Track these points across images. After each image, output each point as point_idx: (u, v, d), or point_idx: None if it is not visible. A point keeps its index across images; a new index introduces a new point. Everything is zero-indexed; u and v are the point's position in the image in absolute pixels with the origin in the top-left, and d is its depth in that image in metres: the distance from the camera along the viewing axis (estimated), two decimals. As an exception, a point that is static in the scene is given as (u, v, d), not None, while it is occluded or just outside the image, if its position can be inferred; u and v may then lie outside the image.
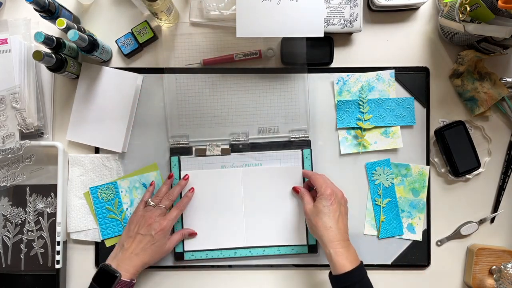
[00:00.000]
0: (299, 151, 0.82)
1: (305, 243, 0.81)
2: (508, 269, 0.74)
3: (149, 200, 0.77)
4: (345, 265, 0.68)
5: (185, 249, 0.81)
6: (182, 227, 0.81)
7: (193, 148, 0.82)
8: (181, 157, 0.82)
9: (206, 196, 0.81)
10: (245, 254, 0.81)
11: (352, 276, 0.68)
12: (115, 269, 0.70)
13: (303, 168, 0.82)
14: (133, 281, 0.72)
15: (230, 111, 0.82)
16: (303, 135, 0.82)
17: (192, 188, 0.80)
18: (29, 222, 0.82)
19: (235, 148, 0.82)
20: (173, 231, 0.80)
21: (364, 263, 0.80)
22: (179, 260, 0.81)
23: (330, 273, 0.71)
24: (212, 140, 0.82)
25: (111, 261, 0.73)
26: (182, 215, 0.81)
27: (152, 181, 0.81)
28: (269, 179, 0.81)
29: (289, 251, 0.81)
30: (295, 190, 0.80)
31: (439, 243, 0.83)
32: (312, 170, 0.82)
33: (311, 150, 0.82)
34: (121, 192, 0.82)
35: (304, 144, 0.82)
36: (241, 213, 0.81)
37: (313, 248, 0.81)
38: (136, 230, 0.74)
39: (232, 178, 0.81)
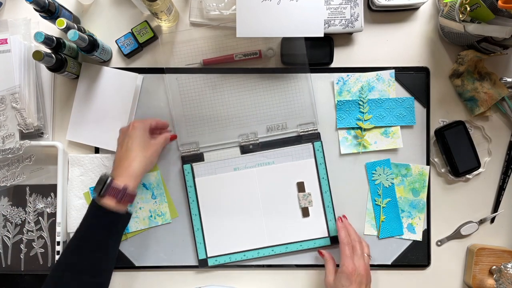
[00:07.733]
0: (310, 145, 0.82)
1: (327, 235, 0.81)
2: (508, 269, 0.74)
3: None
4: None
5: (208, 255, 0.80)
6: (203, 232, 0.80)
7: (204, 154, 0.82)
8: (194, 164, 0.81)
9: (223, 200, 0.81)
10: (268, 253, 0.81)
11: None
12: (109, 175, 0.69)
13: (315, 161, 0.81)
14: (126, 188, 0.68)
15: (235, 112, 0.82)
16: (311, 128, 0.82)
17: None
18: (29, 222, 0.82)
19: (245, 149, 0.81)
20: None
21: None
22: (204, 267, 0.80)
23: None
24: (222, 144, 0.82)
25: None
26: (201, 220, 0.80)
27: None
28: (283, 176, 0.81)
29: (312, 245, 0.80)
30: (319, 253, 0.79)
31: (439, 243, 0.83)
32: (325, 162, 0.81)
33: (322, 142, 0.81)
34: (121, 192, 0.82)
35: (314, 137, 0.82)
36: (259, 212, 0.81)
37: (335, 240, 0.80)
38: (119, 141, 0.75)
39: (246, 179, 0.81)
